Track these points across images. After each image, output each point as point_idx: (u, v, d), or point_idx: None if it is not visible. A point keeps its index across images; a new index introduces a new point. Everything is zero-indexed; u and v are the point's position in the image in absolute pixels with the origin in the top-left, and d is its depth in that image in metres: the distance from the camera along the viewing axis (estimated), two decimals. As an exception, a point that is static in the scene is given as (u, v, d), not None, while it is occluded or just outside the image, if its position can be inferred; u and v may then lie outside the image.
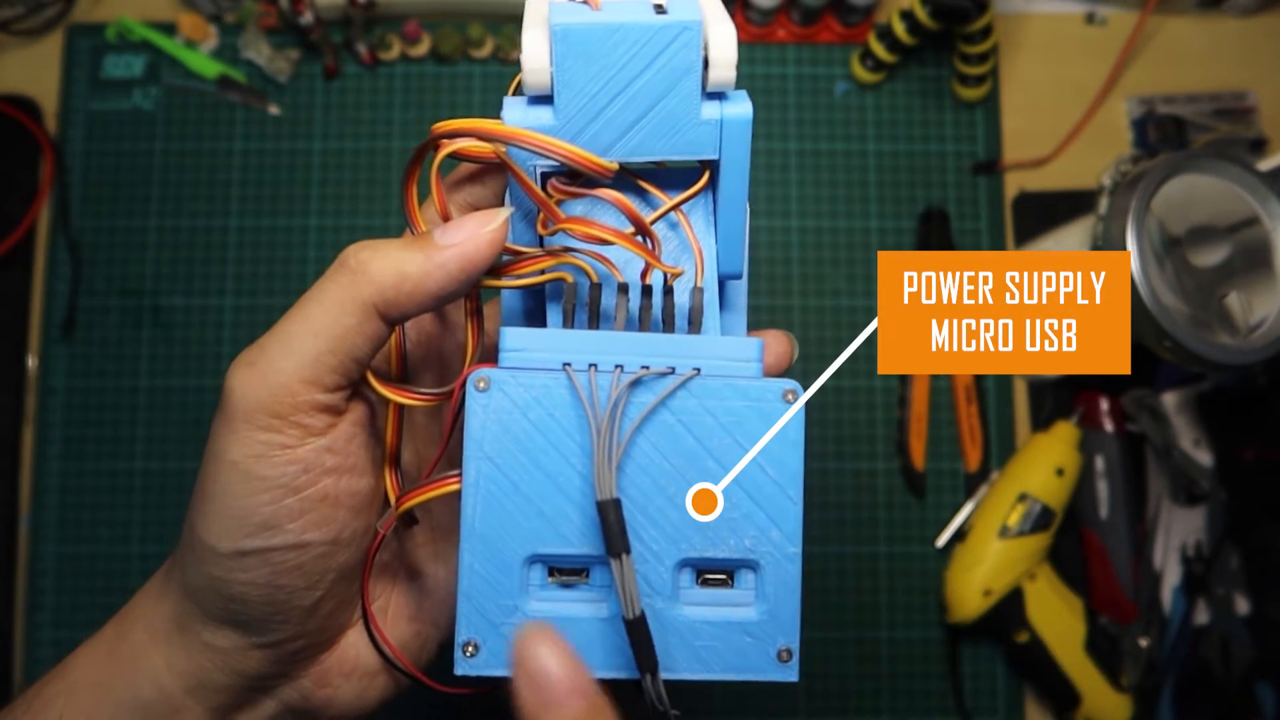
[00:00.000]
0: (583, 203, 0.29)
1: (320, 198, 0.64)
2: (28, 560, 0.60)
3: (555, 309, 0.29)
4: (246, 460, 0.27)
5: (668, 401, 0.27)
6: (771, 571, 0.27)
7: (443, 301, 0.27)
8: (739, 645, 0.27)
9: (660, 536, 0.27)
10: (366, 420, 0.29)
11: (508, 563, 0.27)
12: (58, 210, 0.63)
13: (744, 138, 0.28)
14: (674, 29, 0.26)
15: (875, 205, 0.64)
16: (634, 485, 0.27)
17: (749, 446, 0.27)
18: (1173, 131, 0.64)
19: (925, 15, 0.60)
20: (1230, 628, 0.59)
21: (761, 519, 0.27)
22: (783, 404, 0.27)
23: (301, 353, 0.27)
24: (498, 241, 0.27)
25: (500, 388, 0.27)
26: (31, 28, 0.65)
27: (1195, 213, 0.51)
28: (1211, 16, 0.67)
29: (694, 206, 0.30)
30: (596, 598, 0.27)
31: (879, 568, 0.61)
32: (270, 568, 0.27)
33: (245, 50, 0.64)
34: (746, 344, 0.28)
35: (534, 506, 0.27)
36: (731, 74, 0.27)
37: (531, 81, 0.27)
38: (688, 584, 0.28)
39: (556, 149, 0.26)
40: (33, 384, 0.62)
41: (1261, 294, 0.51)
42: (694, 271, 0.29)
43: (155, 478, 0.61)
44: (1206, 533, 0.60)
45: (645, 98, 0.27)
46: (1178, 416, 0.61)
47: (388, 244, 0.27)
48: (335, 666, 0.31)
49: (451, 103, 0.65)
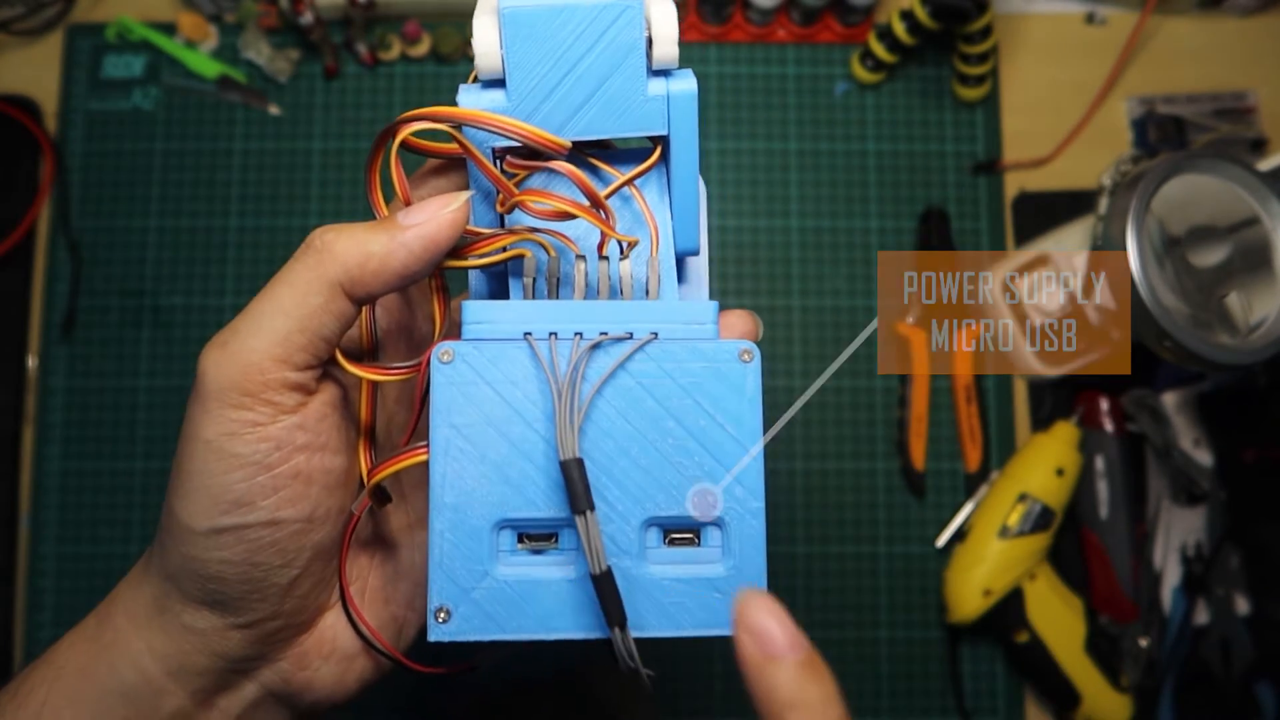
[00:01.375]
0: (538, 181, 0.30)
1: (320, 198, 0.64)
2: (28, 560, 0.60)
3: (517, 284, 0.30)
4: (219, 438, 0.27)
5: (627, 365, 0.28)
6: (736, 527, 0.28)
7: (406, 281, 0.28)
8: (707, 601, 0.28)
9: (625, 497, 0.28)
10: (338, 401, 0.30)
11: (476, 529, 0.27)
12: (58, 210, 0.63)
13: (690, 113, 0.29)
14: (616, 8, 0.28)
15: (875, 205, 0.64)
16: (597, 448, 0.27)
17: (708, 405, 0.28)
18: (1173, 131, 0.64)
19: (925, 15, 0.60)
20: (1230, 628, 0.59)
21: (723, 475, 0.28)
22: (739, 363, 0.28)
23: (271, 331, 0.27)
24: (459, 221, 0.28)
25: (463, 359, 0.27)
26: (31, 28, 0.65)
27: (1195, 213, 0.51)
28: (1211, 16, 0.67)
29: (647, 183, 0.31)
30: (565, 560, 0.28)
31: (879, 568, 0.61)
32: (246, 545, 0.28)
33: (245, 50, 0.64)
34: (702, 307, 0.29)
35: (500, 473, 0.27)
36: (673, 50, 0.28)
37: (483, 65, 0.28)
38: (655, 544, 0.28)
39: (511, 127, 0.27)
40: (33, 384, 0.62)
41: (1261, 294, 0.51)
42: (649, 244, 0.30)
43: (155, 478, 0.61)
44: (1206, 533, 0.60)
45: (593, 77, 0.28)
46: (1178, 416, 0.61)
47: (353, 226, 0.28)
48: (314, 648, 0.31)
49: (451, 103, 0.64)
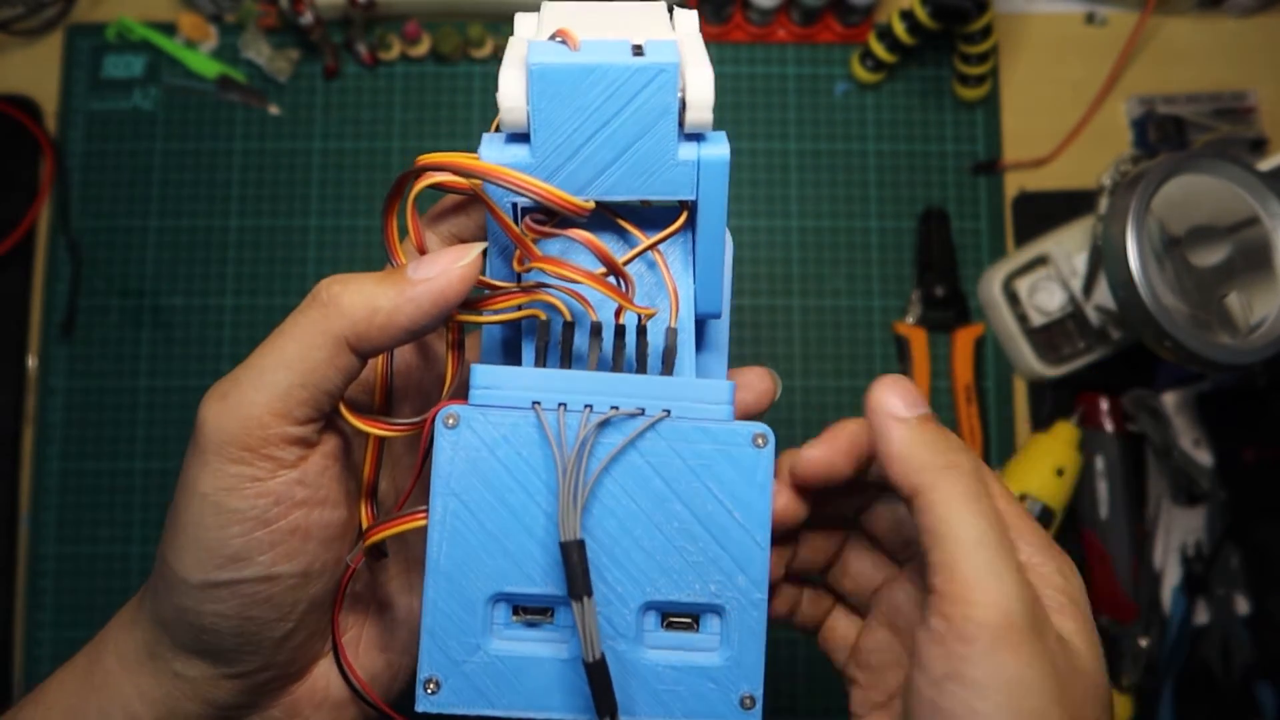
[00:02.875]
0: (560, 239, 0.29)
1: (320, 198, 0.64)
2: (28, 560, 0.60)
3: (529, 347, 0.29)
4: (217, 493, 0.27)
5: (636, 443, 0.27)
6: (736, 617, 0.27)
7: (414, 335, 0.27)
8: (701, 690, 0.27)
9: (625, 578, 0.27)
10: (340, 452, 0.29)
11: (471, 600, 0.27)
12: (58, 210, 0.63)
13: (721, 178, 0.28)
14: (650, 71, 0.26)
15: (875, 205, 0.64)
16: (600, 527, 0.27)
17: (717, 490, 0.27)
18: (1173, 131, 0.64)
19: (925, 15, 0.60)
20: (1230, 628, 0.59)
21: (728, 563, 0.27)
22: (752, 448, 0.27)
23: (273, 385, 0.27)
24: (470, 277, 0.27)
25: (469, 425, 0.27)
26: (31, 28, 0.65)
27: (1195, 213, 0.51)
28: (1211, 16, 0.67)
29: (672, 245, 0.30)
30: (559, 638, 0.27)
31: (879, 568, 0.61)
32: (240, 599, 0.28)
33: (245, 50, 0.64)
34: (718, 386, 0.28)
35: (499, 545, 0.27)
36: (708, 116, 0.27)
37: (508, 120, 0.27)
38: (652, 626, 0.28)
39: (531, 186, 0.26)
40: (33, 384, 0.62)
41: (1261, 294, 0.51)
42: (669, 311, 0.29)
43: (155, 478, 0.61)
44: (1206, 533, 0.60)
45: (622, 138, 0.27)
46: (1178, 416, 0.61)
47: (361, 278, 0.27)
48: (305, 697, 0.31)
49: (451, 102, 0.65)
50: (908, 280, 0.63)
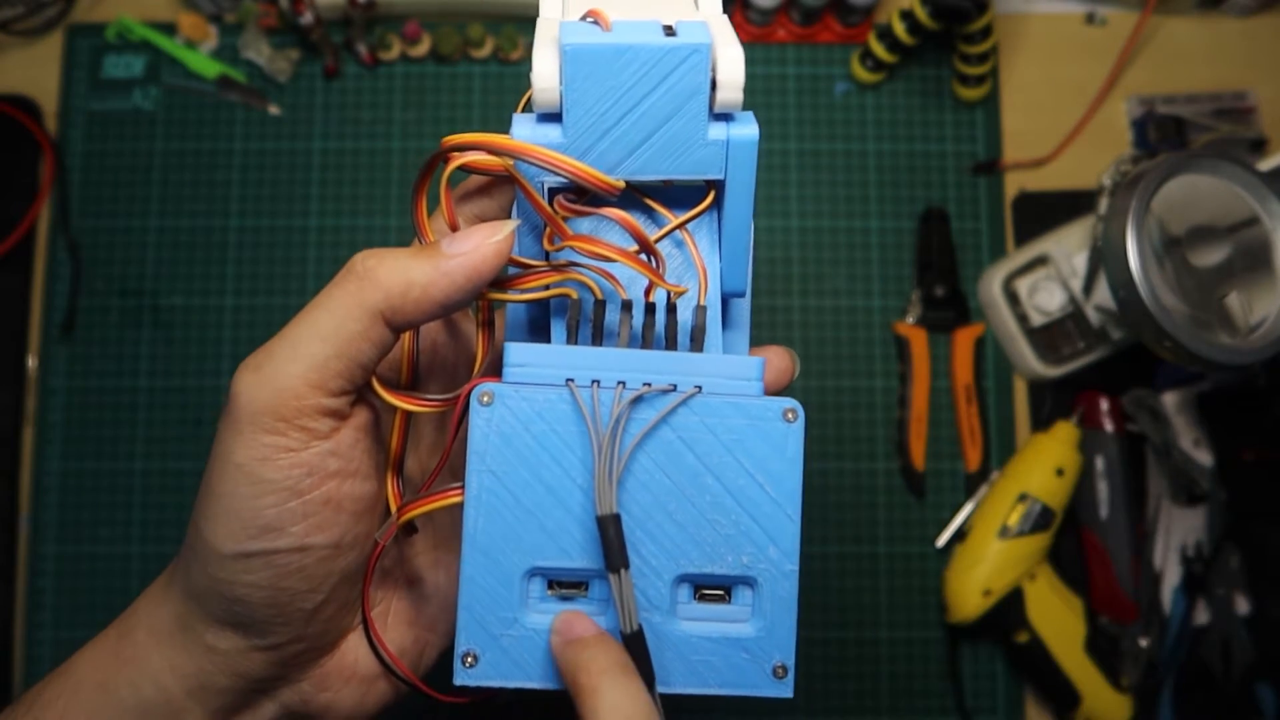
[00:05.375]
0: (590, 219, 0.29)
1: (320, 198, 0.64)
2: (28, 560, 0.60)
3: (559, 324, 0.29)
4: (251, 463, 0.27)
5: (669, 418, 0.27)
6: (768, 588, 0.28)
7: (448, 310, 0.28)
8: (735, 661, 0.28)
9: (659, 552, 0.27)
10: (370, 425, 0.30)
11: (508, 575, 0.27)
12: (58, 210, 0.63)
13: (750, 158, 0.28)
14: (683, 51, 0.27)
15: (875, 205, 0.64)
16: (634, 501, 0.27)
17: (748, 464, 0.27)
18: (1173, 131, 0.64)
19: (925, 15, 0.60)
20: (1230, 628, 0.59)
21: (759, 535, 0.28)
22: (783, 423, 0.28)
23: (308, 357, 0.27)
24: (503, 253, 0.27)
25: (503, 402, 0.27)
26: (31, 28, 0.65)
27: (1195, 213, 0.51)
28: (1211, 16, 0.67)
29: (699, 225, 0.30)
30: (595, 610, 0.28)
31: (879, 568, 0.61)
32: (273, 570, 0.28)
33: (245, 50, 0.64)
34: (748, 363, 0.28)
35: (535, 520, 0.27)
36: (739, 96, 0.27)
37: (541, 99, 0.27)
38: (685, 599, 0.28)
39: (565, 165, 0.27)
40: (33, 384, 0.62)
41: (1261, 294, 0.51)
42: (697, 289, 0.29)
43: (155, 478, 0.61)
44: (1206, 533, 0.60)
45: (653, 118, 0.27)
46: (1178, 416, 0.61)
47: (395, 252, 0.27)
48: (335, 671, 0.31)
49: (451, 103, 0.65)
50: (908, 280, 0.63)
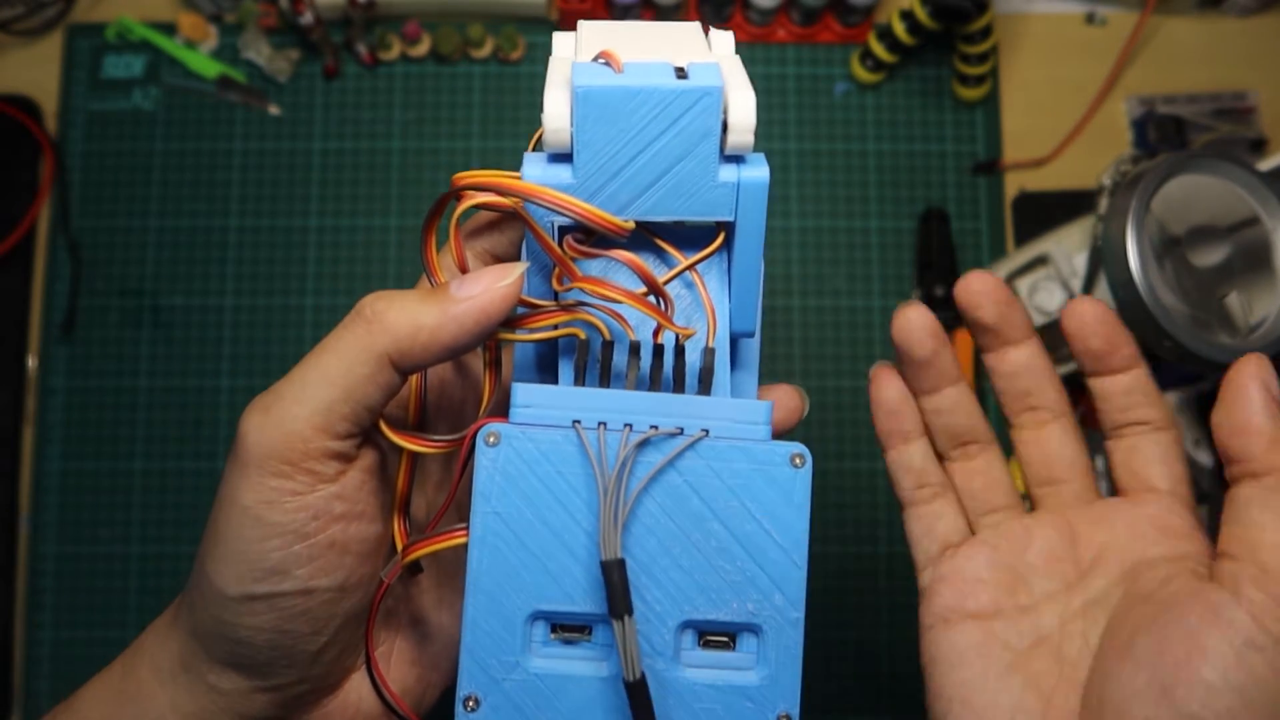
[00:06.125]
0: (600, 259, 0.29)
1: (320, 198, 0.64)
2: (28, 560, 0.60)
3: (567, 365, 0.29)
4: (258, 506, 0.27)
5: (675, 462, 0.27)
6: (774, 636, 0.27)
7: (456, 353, 0.28)
8: (739, 710, 0.27)
9: (664, 597, 0.27)
10: (377, 466, 0.30)
11: (511, 618, 0.27)
12: (58, 210, 0.63)
13: (761, 200, 0.28)
14: (694, 94, 0.27)
15: (875, 205, 0.64)
16: (639, 545, 0.27)
17: (755, 509, 0.27)
18: (1173, 131, 0.64)
19: (925, 15, 0.60)
20: (1230, 628, 0.59)
21: (765, 582, 0.27)
22: (790, 468, 0.27)
23: (315, 400, 0.27)
24: (512, 296, 0.27)
25: (509, 443, 0.27)
26: (31, 28, 0.65)
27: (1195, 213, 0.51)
28: (1211, 16, 0.67)
29: (709, 264, 0.30)
30: (598, 656, 0.27)
31: (879, 568, 0.61)
32: (277, 613, 0.28)
33: (245, 50, 0.64)
34: (755, 406, 0.28)
35: (539, 563, 0.27)
36: (750, 139, 0.27)
37: (552, 140, 0.27)
38: (689, 645, 0.28)
39: (574, 207, 0.27)
40: (33, 384, 0.62)
41: (1261, 294, 0.51)
42: (706, 330, 0.29)
43: (155, 478, 0.61)
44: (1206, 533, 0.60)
45: (664, 159, 0.27)
46: (1178, 416, 0.61)
47: (404, 295, 0.27)
48: (338, 711, 0.31)
49: (451, 102, 0.65)
50: (908, 280, 0.63)
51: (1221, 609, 0.27)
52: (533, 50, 0.65)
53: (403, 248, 0.64)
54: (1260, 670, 0.26)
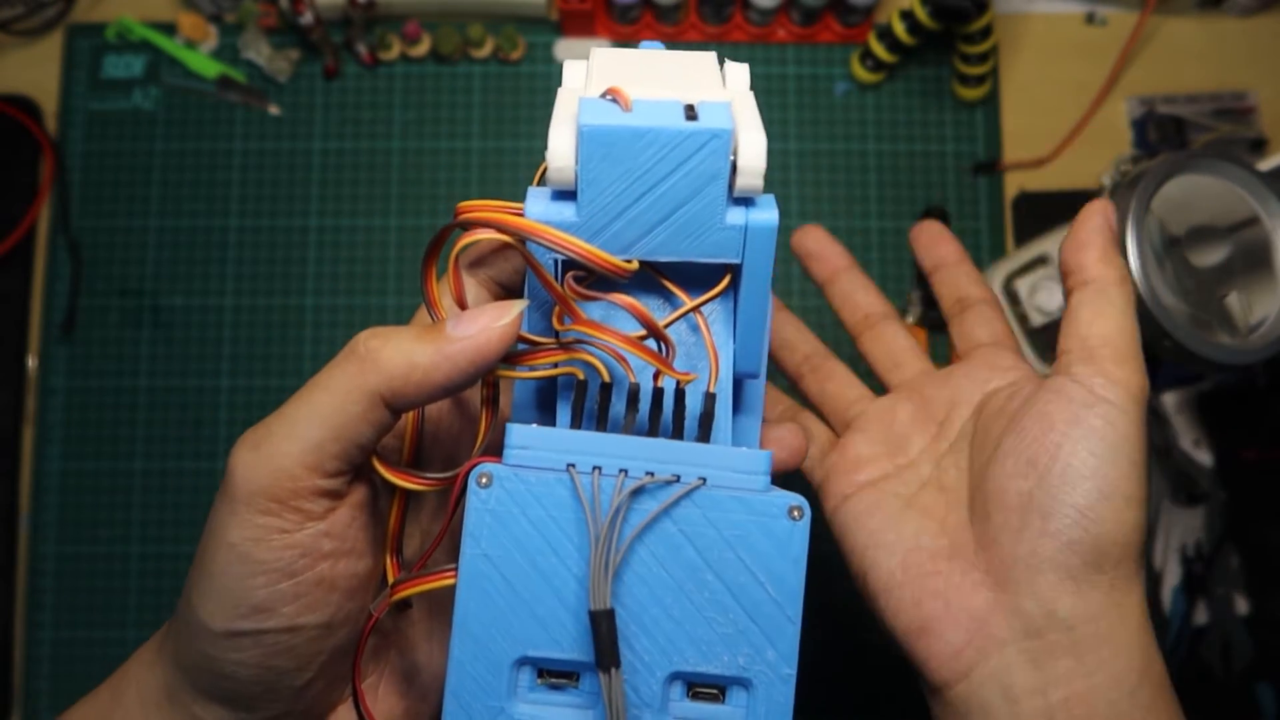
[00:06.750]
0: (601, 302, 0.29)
1: (320, 198, 0.64)
2: (28, 560, 0.60)
3: (565, 405, 0.29)
4: (244, 543, 0.27)
5: (670, 511, 0.27)
6: (764, 691, 0.27)
7: (450, 393, 0.27)
8: None
9: (653, 647, 0.27)
10: (367, 502, 0.29)
11: (497, 663, 0.26)
12: (58, 210, 0.63)
13: (768, 243, 0.28)
14: (703, 136, 0.26)
15: (875, 205, 0.64)
16: (630, 594, 0.26)
17: (750, 561, 0.27)
18: (1173, 131, 0.64)
19: (925, 15, 0.60)
20: (1230, 628, 0.59)
21: (757, 636, 0.27)
22: (787, 520, 0.27)
23: (305, 438, 0.26)
24: (509, 336, 0.27)
25: (501, 485, 0.26)
26: (31, 28, 0.65)
27: (1195, 213, 0.51)
28: (1211, 16, 0.67)
29: (713, 305, 0.30)
30: (584, 703, 0.27)
31: (879, 568, 0.61)
32: (262, 649, 0.27)
33: (245, 50, 0.64)
34: (755, 456, 0.27)
35: (528, 608, 0.26)
36: (759, 182, 0.27)
37: (556, 178, 0.27)
38: (678, 696, 0.27)
39: (575, 247, 0.26)
40: (33, 384, 0.62)
41: (1261, 294, 0.51)
42: (708, 374, 0.29)
43: (155, 478, 0.61)
44: (1206, 533, 0.60)
45: (670, 200, 0.27)
46: (1178, 416, 0.61)
47: (400, 333, 0.27)
48: None
49: (451, 102, 0.65)
50: (908, 280, 0.63)
51: (1061, 388, 0.33)
52: (533, 50, 0.65)
53: (402, 248, 0.64)
54: (1096, 424, 0.32)
